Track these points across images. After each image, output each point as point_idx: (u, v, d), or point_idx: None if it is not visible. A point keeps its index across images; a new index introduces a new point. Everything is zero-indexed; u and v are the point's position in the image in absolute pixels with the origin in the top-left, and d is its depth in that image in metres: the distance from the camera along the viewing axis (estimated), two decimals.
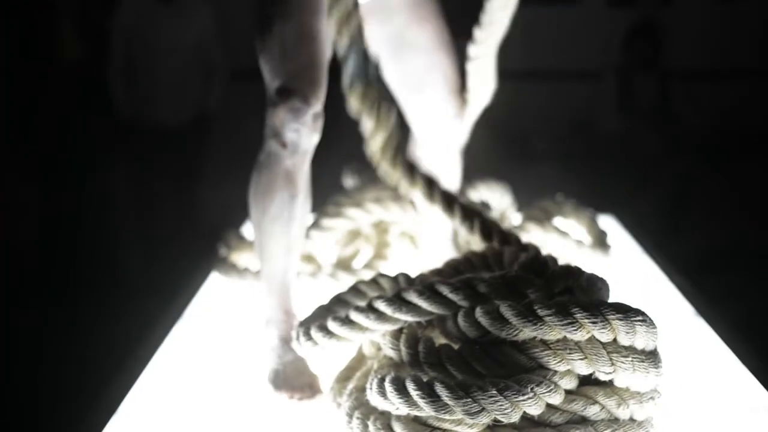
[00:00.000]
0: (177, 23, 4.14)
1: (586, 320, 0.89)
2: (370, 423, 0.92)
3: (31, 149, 4.41)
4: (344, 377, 1.03)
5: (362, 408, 0.95)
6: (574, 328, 0.89)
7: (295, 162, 1.19)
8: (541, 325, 0.89)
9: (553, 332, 0.90)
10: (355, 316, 0.98)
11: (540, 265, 1.00)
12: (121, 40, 4.12)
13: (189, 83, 4.22)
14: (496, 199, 1.80)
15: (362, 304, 1.00)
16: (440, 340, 0.97)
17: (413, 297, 0.95)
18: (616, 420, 0.92)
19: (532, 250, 1.09)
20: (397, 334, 0.97)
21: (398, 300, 0.95)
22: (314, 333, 1.01)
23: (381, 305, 0.96)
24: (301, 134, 1.16)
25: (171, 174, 4.31)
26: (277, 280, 1.23)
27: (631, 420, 0.93)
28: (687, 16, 5.11)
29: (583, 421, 0.91)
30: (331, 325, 1.00)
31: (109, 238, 4.36)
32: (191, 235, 4.28)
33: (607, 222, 2.04)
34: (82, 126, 4.28)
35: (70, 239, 4.12)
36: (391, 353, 0.97)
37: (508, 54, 1.53)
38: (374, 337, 0.99)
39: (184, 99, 4.19)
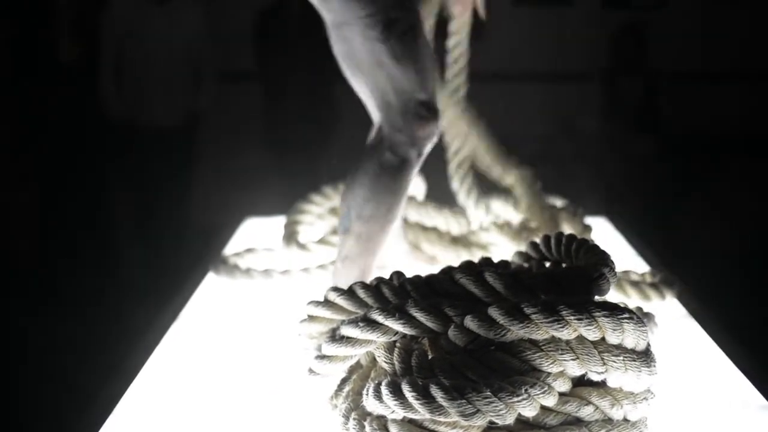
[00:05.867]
0: (168, 24, 4.15)
1: (572, 317, 0.90)
2: (366, 425, 0.93)
3: (29, 150, 4.41)
4: (341, 379, 1.04)
5: (359, 410, 0.96)
6: (561, 326, 0.90)
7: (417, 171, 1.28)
8: (528, 324, 0.90)
9: (541, 331, 0.90)
10: (347, 330, 0.98)
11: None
12: (111, 40, 4.13)
13: (180, 84, 4.23)
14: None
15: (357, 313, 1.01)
16: (432, 353, 0.98)
17: (412, 310, 0.95)
18: (610, 420, 0.93)
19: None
20: (390, 348, 0.98)
21: (397, 312, 0.96)
22: (316, 365, 1.02)
23: (377, 316, 0.96)
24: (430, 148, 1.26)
25: (165, 174, 4.32)
26: (370, 273, 1.31)
27: (625, 420, 0.94)
28: (682, 18, 5.13)
29: (578, 422, 0.92)
30: (327, 348, 1.00)
31: (104, 239, 4.36)
32: (186, 236, 4.29)
33: (600, 224, 2.05)
34: (80, 127, 4.28)
35: (66, 240, 4.12)
36: (385, 366, 0.98)
37: (500, 55, 1.54)
38: (370, 348, 0.99)
39: (174, 100, 4.20)
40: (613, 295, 1.36)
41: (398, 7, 1.19)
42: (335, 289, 1.04)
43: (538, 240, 1.17)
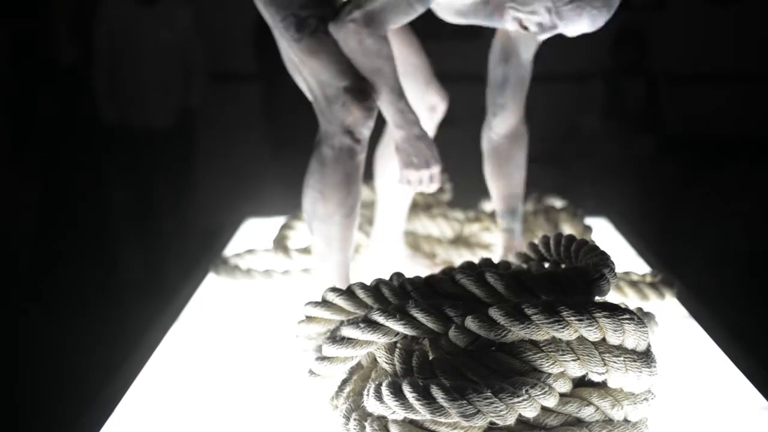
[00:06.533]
0: (158, 24, 4.15)
1: (573, 318, 0.90)
2: (367, 425, 0.93)
3: (30, 151, 4.41)
4: (342, 380, 1.04)
5: (359, 410, 0.96)
6: (561, 327, 0.90)
7: (363, 156, 1.28)
8: (528, 325, 0.90)
9: (541, 332, 0.90)
10: (348, 331, 0.98)
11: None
12: (103, 42, 4.13)
13: (171, 84, 4.22)
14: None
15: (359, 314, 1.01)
16: (433, 354, 0.98)
17: (413, 311, 0.95)
18: (610, 421, 0.93)
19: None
20: (391, 348, 0.98)
21: (397, 313, 0.96)
22: (316, 367, 1.02)
23: (378, 317, 0.96)
24: (370, 130, 1.26)
25: (165, 175, 4.32)
26: (346, 266, 1.32)
27: (626, 421, 0.94)
28: (681, 19, 5.13)
29: (578, 422, 0.92)
30: (327, 350, 1.00)
31: (105, 240, 4.36)
32: (187, 237, 4.28)
33: (601, 224, 2.05)
34: (79, 128, 4.28)
35: (65, 242, 4.12)
36: (386, 367, 0.98)
37: None
38: (371, 349, 0.99)
39: (167, 100, 4.20)
40: (612, 296, 1.36)
41: (306, 6, 1.23)
42: (333, 289, 1.04)
43: (536, 241, 1.17)
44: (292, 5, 1.22)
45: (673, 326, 1.42)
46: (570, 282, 0.97)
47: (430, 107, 1.52)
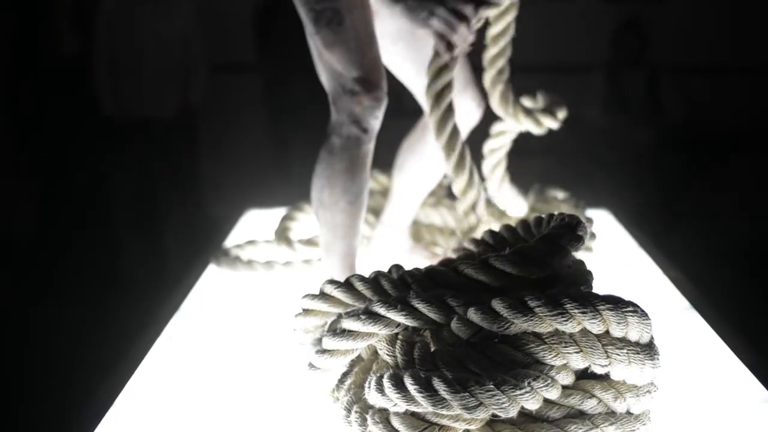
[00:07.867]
0: (158, 17, 4.15)
1: (577, 311, 0.90)
2: (368, 417, 0.93)
3: (31, 143, 4.41)
4: (342, 372, 1.04)
5: (360, 403, 0.96)
6: (565, 319, 0.90)
7: (371, 146, 1.30)
8: (531, 317, 0.90)
9: (544, 324, 0.90)
10: (349, 323, 0.98)
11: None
12: (104, 34, 4.13)
13: (172, 77, 4.22)
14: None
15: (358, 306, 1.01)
16: (435, 345, 0.98)
17: (414, 302, 0.95)
18: (613, 413, 0.93)
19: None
20: (392, 340, 0.97)
21: (400, 304, 0.95)
22: (316, 360, 1.02)
23: (379, 309, 0.96)
24: (379, 121, 1.28)
25: (166, 167, 4.32)
26: (351, 256, 1.33)
27: (628, 413, 0.94)
28: (681, 11, 5.12)
29: (581, 415, 0.92)
30: (328, 342, 1.00)
31: (106, 233, 4.36)
32: (187, 228, 4.29)
33: (602, 216, 2.04)
34: (81, 121, 4.28)
35: (66, 234, 4.12)
36: (387, 359, 0.97)
37: None
38: (371, 341, 0.99)
39: (167, 93, 4.20)
40: None
41: (321, 0, 1.25)
42: (331, 281, 1.04)
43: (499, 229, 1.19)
44: (310, 0, 1.25)
45: (675, 318, 1.42)
46: (561, 235, 0.99)
47: (464, 111, 1.52)
